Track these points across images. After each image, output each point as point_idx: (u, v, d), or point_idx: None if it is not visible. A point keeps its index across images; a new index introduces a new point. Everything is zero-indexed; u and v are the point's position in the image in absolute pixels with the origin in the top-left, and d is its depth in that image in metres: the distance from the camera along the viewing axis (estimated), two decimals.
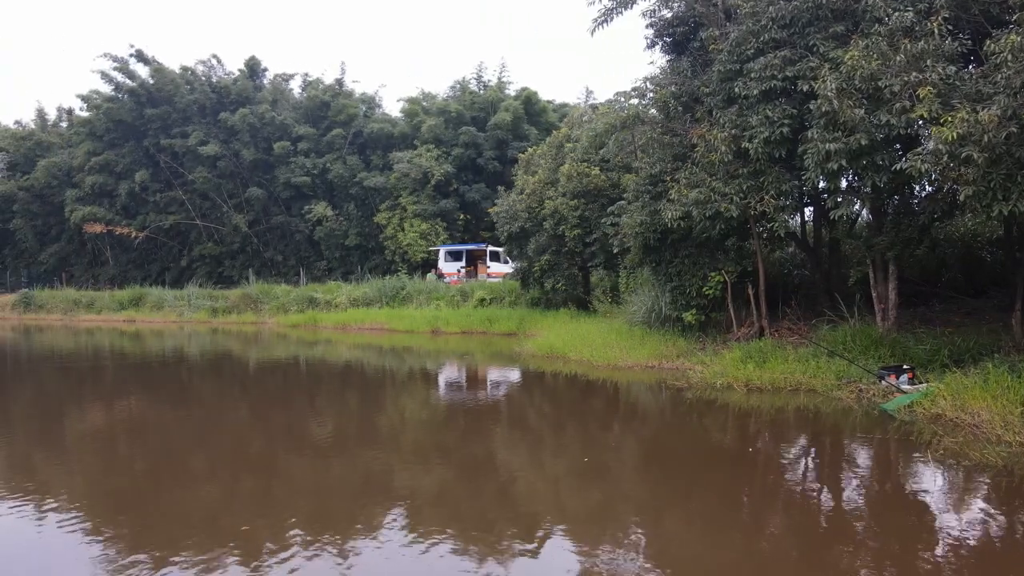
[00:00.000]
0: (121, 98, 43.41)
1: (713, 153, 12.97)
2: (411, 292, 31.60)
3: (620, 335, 16.72)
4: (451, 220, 39.68)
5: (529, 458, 8.38)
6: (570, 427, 10.35)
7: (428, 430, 10.24)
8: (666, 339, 15.65)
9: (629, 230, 16.45)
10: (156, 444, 9.25)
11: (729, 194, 12.74)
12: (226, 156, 42.10)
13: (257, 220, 43.57)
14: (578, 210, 23.11)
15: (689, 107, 15.11)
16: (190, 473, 7.83)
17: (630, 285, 21.91)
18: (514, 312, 26.19)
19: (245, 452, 8.90)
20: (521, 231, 25.36)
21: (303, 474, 7.72)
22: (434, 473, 7.68)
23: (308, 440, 9.41)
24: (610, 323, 19.42)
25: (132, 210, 44.71)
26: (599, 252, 23.20)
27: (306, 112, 43.53)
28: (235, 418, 11.60)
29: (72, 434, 10.06)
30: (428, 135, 39.82)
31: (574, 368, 15.18)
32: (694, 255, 15.81)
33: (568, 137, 26.43)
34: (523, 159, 28.46)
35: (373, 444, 9.20)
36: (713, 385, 11.71)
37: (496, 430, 10.16)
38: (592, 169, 23.84)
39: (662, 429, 10.04)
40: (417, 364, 18.77)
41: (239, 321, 34.79)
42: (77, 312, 39.95)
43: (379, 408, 12.26)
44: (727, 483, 7.10)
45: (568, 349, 16.54)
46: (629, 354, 15.00)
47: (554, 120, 39.25)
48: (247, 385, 15.62)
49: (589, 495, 6.68)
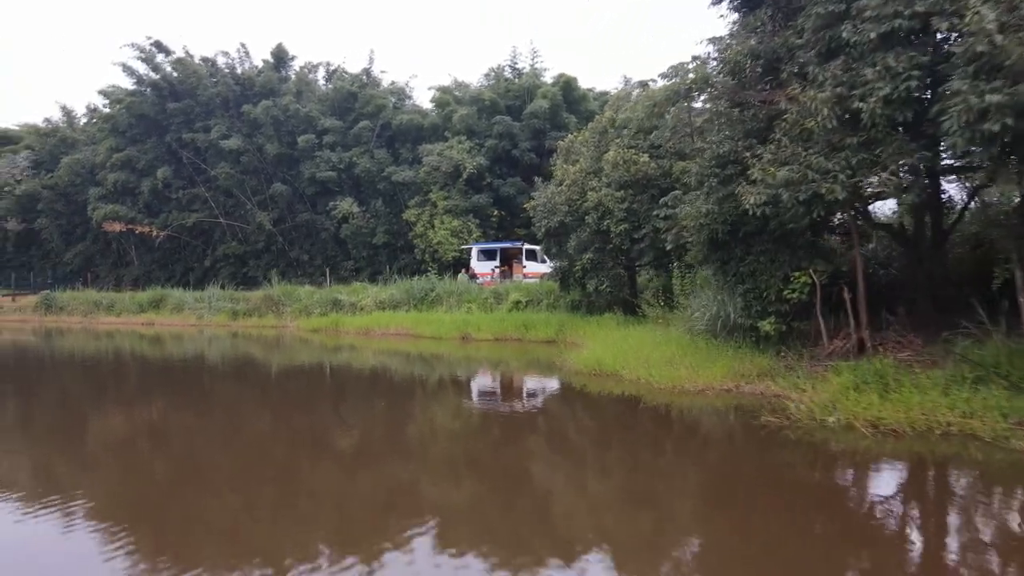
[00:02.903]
0: (143, 92, 41.79)
1: (809, 120, 10.18)
2: (441, 294, 29.47)
3: (681, 348, 13.92)
4: (484, 216, 36.92)
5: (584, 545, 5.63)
6: (637, 491, 7.36)
7: (442, 492, 7.61)
8: (740, 354, 12.81)
9: (691, 222, 13.72)
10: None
11: (832, 171, 9.92)
12: (249, 151, 40.19)
13: (282, 218, 41.63)
14: (625, 202, 20.80)
15: (770, 68, 12.30)
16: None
17: (685, 287, 19.58)
18: (552, 316, 23.81)
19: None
20: (560, 226, 22.89)
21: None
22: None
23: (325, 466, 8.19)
24: (665, 332, 16.66)
25: (155, 208, 43.12)
26: (648, 249, 20.92)
27: (332, 104, 41.30)
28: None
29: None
30: (460, 126, 37.24)
31: (629, 390, 12.39)
32: (772, 251, 13.09)
33: (613, 121, 23.70)
34: (562, 147, 25.87)
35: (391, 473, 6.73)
36: (823, 423, 8.75)
37: (537, 487, 7.46)
38: (641, 156, 21.43)
39: (775, 504, 6.63)
40: (433, 379, 16.15)
41: (259, 324, 32.91)
42: (97, 314, 38.65)
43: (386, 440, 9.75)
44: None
45: (620, 365, 13.74)
46: (697, 373, 12.13)
47: (595, 108, 36.29)
48: (261, 397, 13.51)
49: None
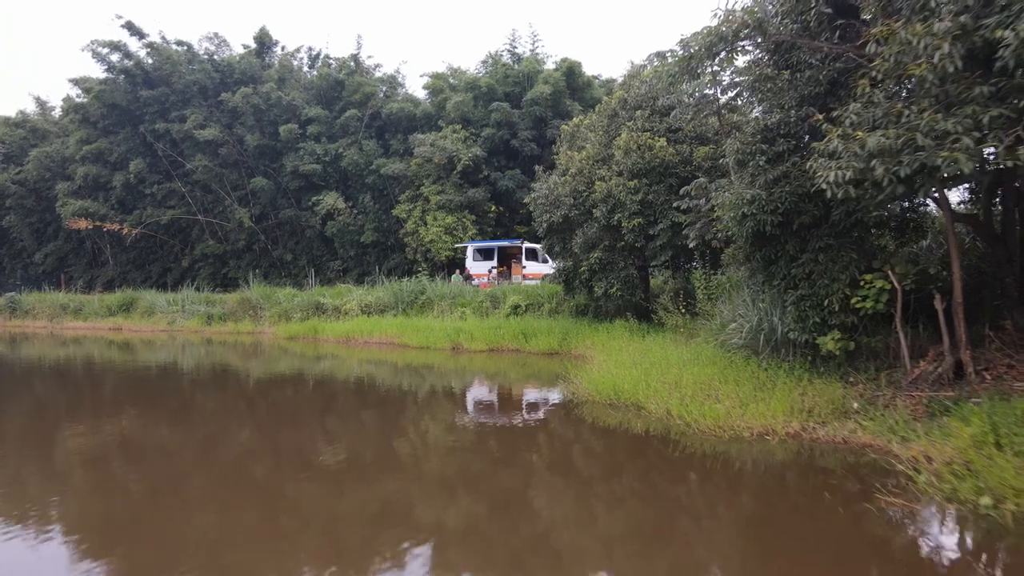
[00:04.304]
0: (116, 79, 38.74)
1: (916, 65, 7.27)
2: (432, 297, 26.65)
3: (716, 369, 11.05)
4: (480, 212, 33.88)
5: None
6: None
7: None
8: (795, 378, 9.93)
9: (729, 212, 10.83)
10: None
11: (953, 133, 7.00)
12: (228, 142, 37.22)
13: (264, 215, 38.68)
14: (639, 193, 18.14)
15: (844, 7, 9.38)
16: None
17: (711, 291, 16.66)
18: (555, 323, 21.05)
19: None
20: (564, 221, 20.07)
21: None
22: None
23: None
24: (690, 346, 13.79)
25: (129, 204, 40.07)
26: (666, 247, 18.34)
27: (318, 92, 38.29)
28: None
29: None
30: (454, 114, 34.22)
31: (657, 430, 9.45)
32: (834, 248, 10.33)
33: (624, 102, 20.78)
34: (566, 131, 23.02)
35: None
36: (975, 507, 5.73)
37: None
38: (657, 140, 18.64)
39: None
40: (408, 408, 13.18)
41: (235, 330, 30.05)
42: (64, 318, 35.77)
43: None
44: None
45: (642, 391, 10.81)
46: (747, 409, 9.19)
47: (601, 96, 33.29)
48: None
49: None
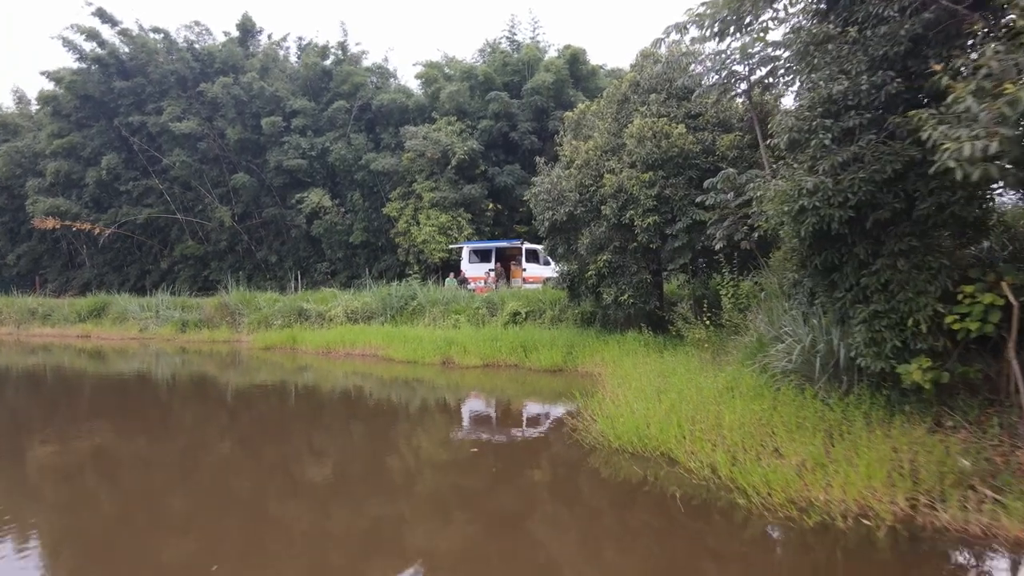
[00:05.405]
0: (88, 69, 36.28)
1: None
2: (423, 303, 24.26)
3: (764, 403, 8.56)
4: (477, 211, 31.34)
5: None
6: None
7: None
8: (876, 421, 7.51)
9: (785, 205, 8.47)
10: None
11: None
12: (208, 136, 34.75)
13: (247, 214, 36.21)
14: (654, 187, 16.12)
15: None
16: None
17: (740, 300, 14.42)
18: (559, 334, 18.78)
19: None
20: (569, 219, 17.81)
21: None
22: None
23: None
24: (721, 367, 11.41)
25: (103, 203, 37.55)
26: (684, 249, 16.13)
27: (304, 83, 35.78)
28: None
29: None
30: (449, 105, 31.72)
31: (700, 497, 6.94)
32: (919, 251, 8.01)
33: (637, 86, 18.42)
34: (570, 119, 20.70)
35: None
36: None
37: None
38: (675, 127, 16.31)
39: None
40: (373, 443, 10.68)
41: (210, 339, 27.65)
42: (31, 324, 33.37)
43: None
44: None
45: (673, 438, 8.31)
46: (824, 472, 6.66)
47: (606, 86, 30.93)
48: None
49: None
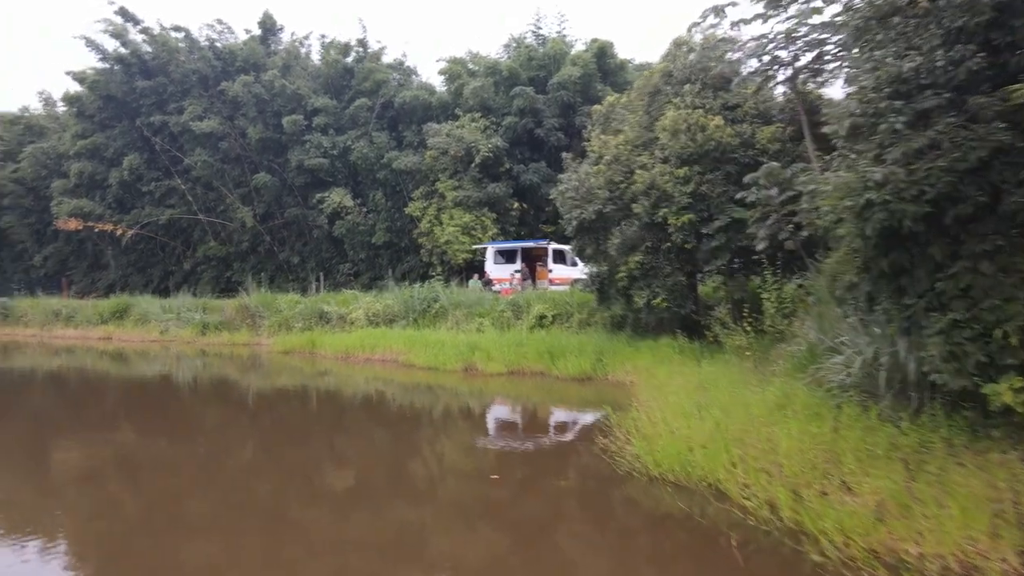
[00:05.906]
0: (111, 69, 36.09)
1: None
2: (446, 306, 23.47)
3: (823, 424, 7.52)
4: (502, 210, 30.39)
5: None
6: None
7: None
8: (960, 448, 6.47)
9: (848, 200, 7.52)
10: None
11: None
12: (230, 135, 34.33)
13: (269, 214, 35.74)
14: (689, 183, 15.31)
15: None
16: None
17: (784, 305, 13.35)
18: (587, 339, 18.00)
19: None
20: (598, 218, 17.02)
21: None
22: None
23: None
24: (767, 378, 10.40)
25: (126, 203, 37.40)
26: (722, 250, 15.08)
27: (325, 80, 35.16)
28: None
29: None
30: (473, 101, 30.80)
31: (757, 542, 5.97)
32: (1006, 252, 7.09)
33: (669, 76, 17.40)
34: (599, 112, 19.79)
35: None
36: None
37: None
38: (711, 119, 15.31)
39: None
40: (382, 469, 9.84)
41: (230, 342, 27.28)
42: (55, 326, 33.33)
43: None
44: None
45: (720, 466, 7.29)
46: (907, 513, 5.64)
47: (635, 80, 29.81)
48: None
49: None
